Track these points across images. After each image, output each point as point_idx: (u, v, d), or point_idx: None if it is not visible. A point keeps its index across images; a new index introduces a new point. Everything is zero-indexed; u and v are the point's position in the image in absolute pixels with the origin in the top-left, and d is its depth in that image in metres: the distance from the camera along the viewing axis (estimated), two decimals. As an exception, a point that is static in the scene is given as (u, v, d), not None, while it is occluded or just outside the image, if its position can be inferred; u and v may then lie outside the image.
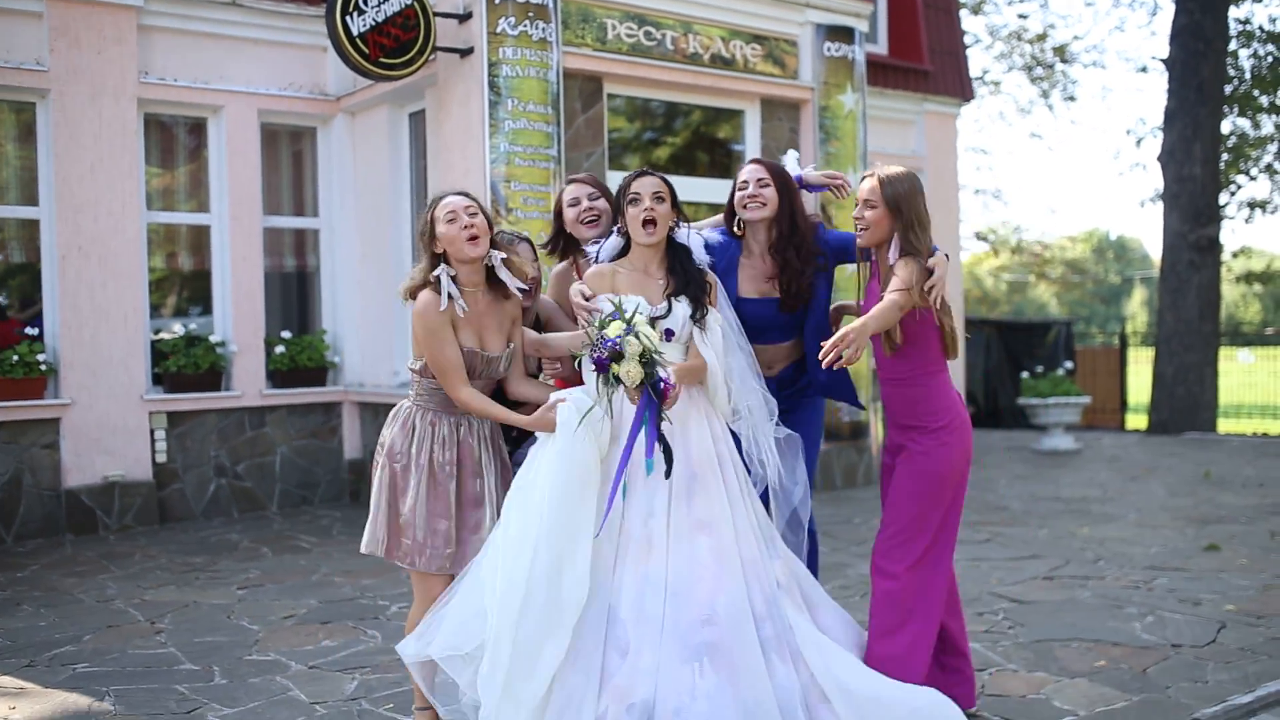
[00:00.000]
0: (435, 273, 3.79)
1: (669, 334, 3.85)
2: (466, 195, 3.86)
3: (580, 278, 4.13)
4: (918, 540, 3.98)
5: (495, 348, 3.87)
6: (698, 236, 4.05)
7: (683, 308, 3.90)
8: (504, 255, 3.88)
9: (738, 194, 4.29)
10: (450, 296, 3.77)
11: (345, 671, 4.93)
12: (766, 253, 4.32)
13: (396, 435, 3.88)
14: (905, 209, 3.94)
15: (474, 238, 3.76)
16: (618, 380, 3.54)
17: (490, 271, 3.87)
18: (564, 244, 4.51)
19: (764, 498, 4.08)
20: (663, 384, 3.58)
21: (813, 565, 4.37)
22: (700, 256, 4.01)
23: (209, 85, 9.05)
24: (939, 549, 4.02)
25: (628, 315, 3.58)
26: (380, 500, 3.87)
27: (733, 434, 4.00)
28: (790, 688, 3.63)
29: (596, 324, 3.61)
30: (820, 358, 3.55)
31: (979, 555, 7.11)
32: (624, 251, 4.03)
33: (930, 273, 3.91)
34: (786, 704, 3.60)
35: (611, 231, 4.10)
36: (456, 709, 3.78)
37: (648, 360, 3.53)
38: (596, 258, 4.07)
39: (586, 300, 3.87)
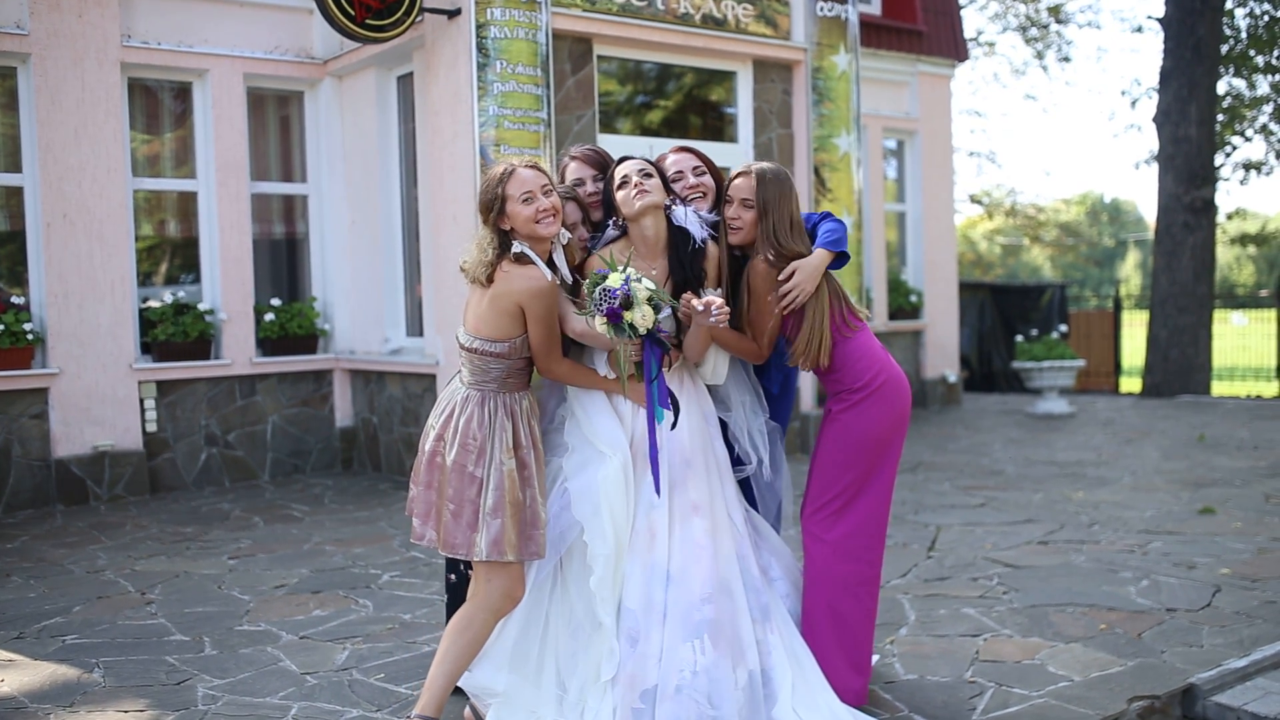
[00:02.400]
0: (519, 249, 3.59)
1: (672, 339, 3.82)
2: (537, 168, 3.64)
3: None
4: (846, 504, 3.92)
5: None
6: (694, 215, 3.91)
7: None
8: (568, 238, 3.77)
9: (675, 185, 4.04)
10: (553, 264, 3.68)
11: (336, 641, 4.89)
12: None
13: (502, 429, 3.59)
14: (773, 211, 3.83)
15: (551, 217, 3.60)
16: (632, 328, 3.50)
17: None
18: None
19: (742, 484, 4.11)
20: (661, 332, 3.59)
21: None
22: (698, 234, 3.87)
23: (193, 49, 8.92)
24: (872, 511, 3.96)
25: (622, 268, 3.54)
26: (502, 501, 3.55)
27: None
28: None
29: (593, 280, 3.54)
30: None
31: (973, 520, 7.10)
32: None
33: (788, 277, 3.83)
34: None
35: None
36: None
37: (656, 304, 3.52)
38: (590, 250, 3.93)
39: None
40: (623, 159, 3.89)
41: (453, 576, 4.20)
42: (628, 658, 3.60)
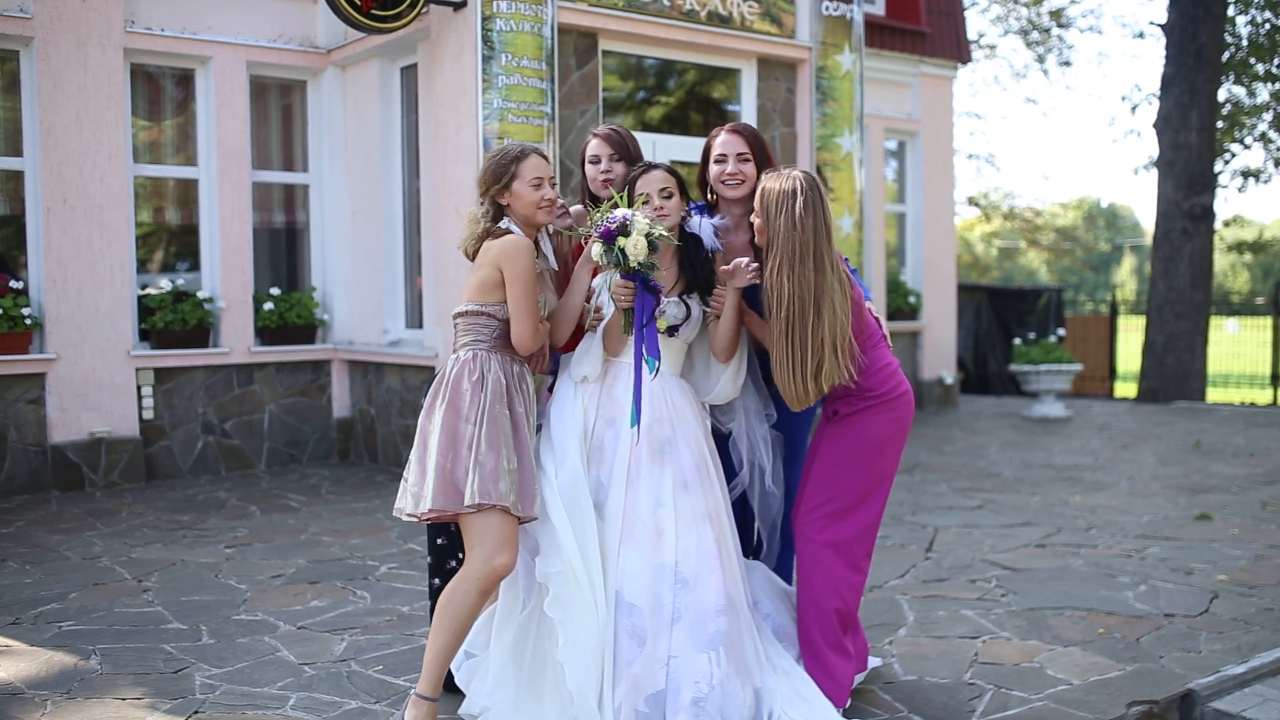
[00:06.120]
0: (504, 224, 3.68)
1: (674, 330, 3.85)
2: (545, 158, 3.74)
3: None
4: (843, 509, 3.91)
5: None
6: (708, 224, 3.98)
7: (694, 305, 3.89)
8: (554, 229, 3.85)
9: (714, 167, 4.10)
10: (539, 249, 3.74)
11: (334, 632, 4.88)
12: (744, 228, 4.10)
13: (496, 381, 3.59)
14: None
15: (549, 208, 3.71)
16: (623, 254, 3.54)
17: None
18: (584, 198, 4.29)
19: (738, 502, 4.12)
20: (654, 284, 3.64)
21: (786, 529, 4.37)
22: (710, 243, 3.95)
23: (196, 36, 8.89)
24: (867, 518, 3.96)
25: (631, 205, 3.64)
26: (497, 445, 3.51)
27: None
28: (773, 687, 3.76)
29: (603, 208, 3.62)
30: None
31: (971, 522, 7.10)
32: None
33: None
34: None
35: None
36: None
37: (653, 244, 3.56)
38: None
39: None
40: (648, 168, 3.89)
41: (436, 581, 4.17)
42: (635, 657, 3.55)
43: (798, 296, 3.65)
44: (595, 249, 3.60)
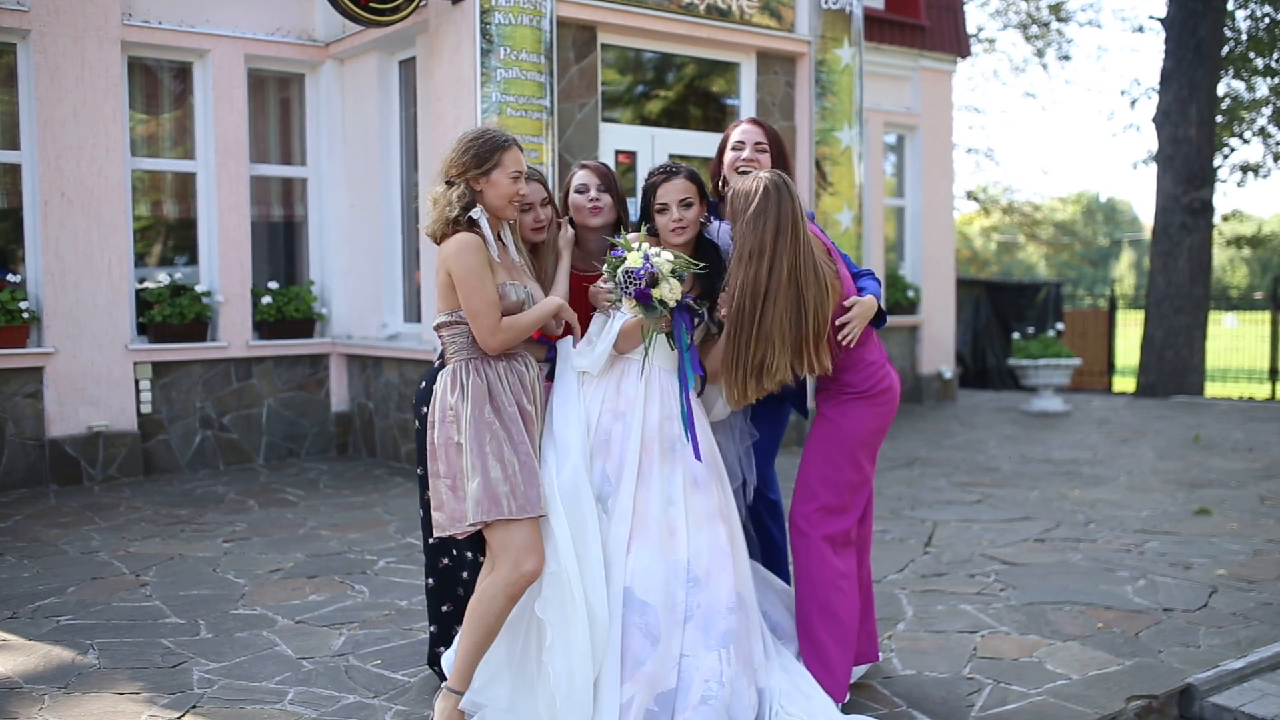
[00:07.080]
0: (474, 214, 3.55)
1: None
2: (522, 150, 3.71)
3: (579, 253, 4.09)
4: (834, 502, 3.93)
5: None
6: (726, 229, 3.96)
7: (704, 312, 3.89)
8: (513, 221, 3.82)
9: (730, 153, 4.12)
10: (501, 241, 3.67)
11: (333, 627, 4.88)
12: None
13: (476, 390, 3.52)
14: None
15: (520, 203, 3.68)
16: (662, 304, 3.56)
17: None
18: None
19: None
20: (688, 297, 3.67)
21: (781, 537, 4.40)
22: (727, 248, 3.92)
23: (194, 29, 8.86)
24: (857, 509, 3.98)
25: (637, 245, 3.60)
26: (483, 458, 3.46)
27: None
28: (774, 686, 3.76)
29: (611, 264, 3.59)
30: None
31: (970, 516, 7.10)
32: None
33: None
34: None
35: (615, 222, 4.06)
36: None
37: (679, 274, 3.58)
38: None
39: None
40: (669, 175, 3.86)
41: (431, 580, 4.16)
42: (648, 656, 3.51)
43: (748, 293, 3.62)
44: (630, 309, 3.59)
